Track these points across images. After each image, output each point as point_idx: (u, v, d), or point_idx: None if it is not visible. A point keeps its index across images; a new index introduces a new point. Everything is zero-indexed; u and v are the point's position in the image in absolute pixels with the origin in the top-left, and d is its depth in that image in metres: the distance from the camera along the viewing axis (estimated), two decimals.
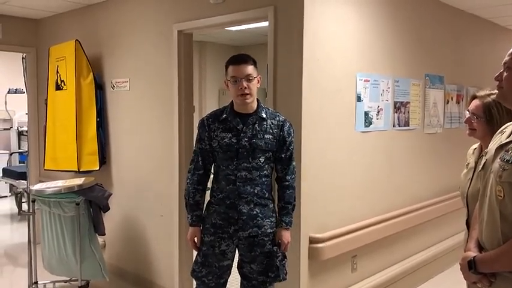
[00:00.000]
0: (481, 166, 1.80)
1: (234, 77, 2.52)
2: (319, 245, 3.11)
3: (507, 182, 1.56)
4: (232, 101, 2.64)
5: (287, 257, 2.71)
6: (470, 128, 2.32)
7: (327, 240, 3.14)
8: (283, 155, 2.61)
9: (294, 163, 2.68)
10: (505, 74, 1.65)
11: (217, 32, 5.86)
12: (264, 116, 2.59)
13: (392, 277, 3.82)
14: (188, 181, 2.70)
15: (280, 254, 2.62)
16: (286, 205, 2.64)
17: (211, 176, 2.73)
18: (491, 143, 1.82)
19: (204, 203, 2.73)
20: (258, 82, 2.59)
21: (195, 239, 2.68)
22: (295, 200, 2.67)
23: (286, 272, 2.68)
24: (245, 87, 2.50)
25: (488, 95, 2.24)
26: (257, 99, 2.63)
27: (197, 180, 2.67)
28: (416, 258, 4.16)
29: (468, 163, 2.39)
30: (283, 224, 2.63)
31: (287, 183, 2.64)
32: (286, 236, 2.64)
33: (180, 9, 3.69)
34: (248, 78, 2.51)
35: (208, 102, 6.97)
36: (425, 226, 4.28)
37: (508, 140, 1.66)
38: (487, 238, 1.68)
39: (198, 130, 2.69)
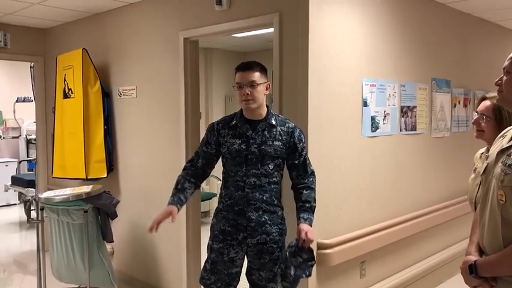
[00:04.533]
0: (482, 170, 1.80)
1: (239, 83, 2.55)
2: (328, 251, 3.10)
3: (509, 186, 1.56)
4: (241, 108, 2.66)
5: (315, 260, 2.52)
6: (478, 130, 2.26)
7: (335, 246, 3.13)
8: (296, 161, 2.59)
9: (311, 167, 2.63)
10: (505, 78, 1.67)
11: (222, 39, 5.89)
12: (274, 122, 2.60)
13: (401, 283, 3.79)
14: (180, 173, 2.68)
15: (289, 259, 2.49)
16: (304, 204, 2.54)
17: (220, 182, 2.73)
18: (492, 147, 1.81)
19: (190, 196, 2.68)
20: (267, 89, 2.59)
21: (163, 215, 2.51)
22: (315, 202, 2.57)
23: (309, 273, 2.50)
24: (247, 94, 2.51)
25: None
26: (267, 105, 2.64)
27: (191, 173, 2.67)
28: (425, 264, 4.13)
29: (476, 167, 2.36)
30: (302, 220, 2.49)
31: (303, 185, 2.57)
32: (304, 228, 2.43)
33: (186, 17, 3.71)
34: (251, 85, 2.52)
35: (214, 109, 6.99)
36: (433, 231, 4.25)
37: (509, 144, 1.66)
38: (488, 242, 1.68)
39: (206, 134, 2.69)
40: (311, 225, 2.50)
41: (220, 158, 2.69)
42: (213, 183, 6.94)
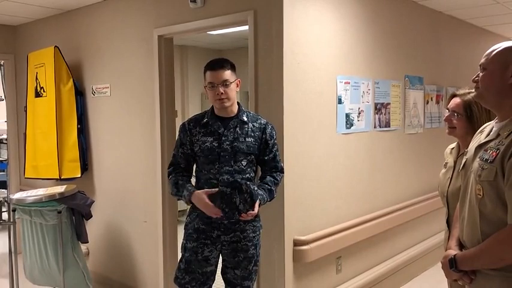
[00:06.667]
0: (461, 165, 1.84)
1: (211, 82, 2.53)
2: (304, 247, 3.12)
3: (486, 181, 1.60)
4: (212, 105, 2.64)
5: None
6: (450, 127, 2.34)
7: (311, 242, 3.15)
8: (266, 157, 2.61)
9: (281, 164, 2.67)
10: (481, 74, 1.70)
11: (198, 36, 5.85)
12: (245, 119, 2.60)
13: (376, 277, 3.85)
14: (170, 177, 2.64)
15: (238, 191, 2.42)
16: (264, 184, 2.56)
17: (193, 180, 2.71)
18: (471, 142, 1.86)
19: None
20: (237, 86, 2.59)
21: (205, 199, 2.45)
22: (274, 193, 2.58)
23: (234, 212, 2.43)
24: (222, 93, 2.51)
25: (468, 93, 2.27)
26: (238, 102, 2.64)
27: (181, 174, 2.63)
28: (399, 258, 4.20)
29: (446, 162, 2.42)
30: None
31: (269, 176, 2.60)
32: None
33: (160, 14, 3.68)
34: (225, 84, 2.51)
35: (191, 107, 6.95)
36: (407, 226, 4.32)
37: (486, 139, 1.70)
38: (467, 236, 1.72)
39: (179, 135, 2.67)
40: (260, 202, 2.46)
41: None
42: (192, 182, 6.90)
